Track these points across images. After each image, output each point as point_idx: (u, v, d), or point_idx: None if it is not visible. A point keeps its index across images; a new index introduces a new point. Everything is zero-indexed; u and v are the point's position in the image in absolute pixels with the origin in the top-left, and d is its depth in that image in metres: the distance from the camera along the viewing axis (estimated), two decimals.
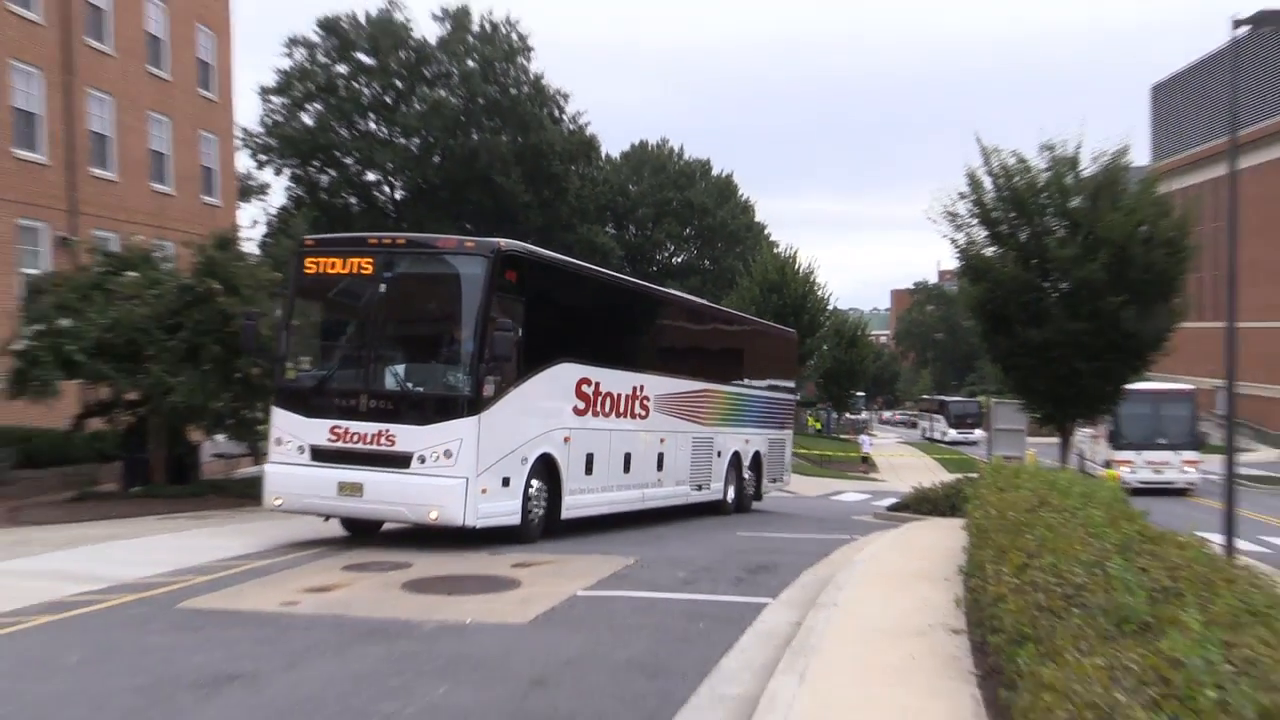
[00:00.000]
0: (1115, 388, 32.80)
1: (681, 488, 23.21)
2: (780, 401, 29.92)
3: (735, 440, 26.08)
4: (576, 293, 19.66)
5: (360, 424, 15.51)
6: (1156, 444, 43.48)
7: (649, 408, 21.36)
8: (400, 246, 16.88)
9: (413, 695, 8.79)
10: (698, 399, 23.77)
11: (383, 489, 15.35)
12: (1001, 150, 31.86)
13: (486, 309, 15.56)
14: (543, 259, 18.64)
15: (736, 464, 26.16)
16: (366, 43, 73.03)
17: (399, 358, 16.39)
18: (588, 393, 18.80)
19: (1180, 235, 31.25)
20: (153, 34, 37.11)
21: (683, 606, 12.94)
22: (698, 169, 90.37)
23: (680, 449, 22.96)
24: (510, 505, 16.32)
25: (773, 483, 29.19)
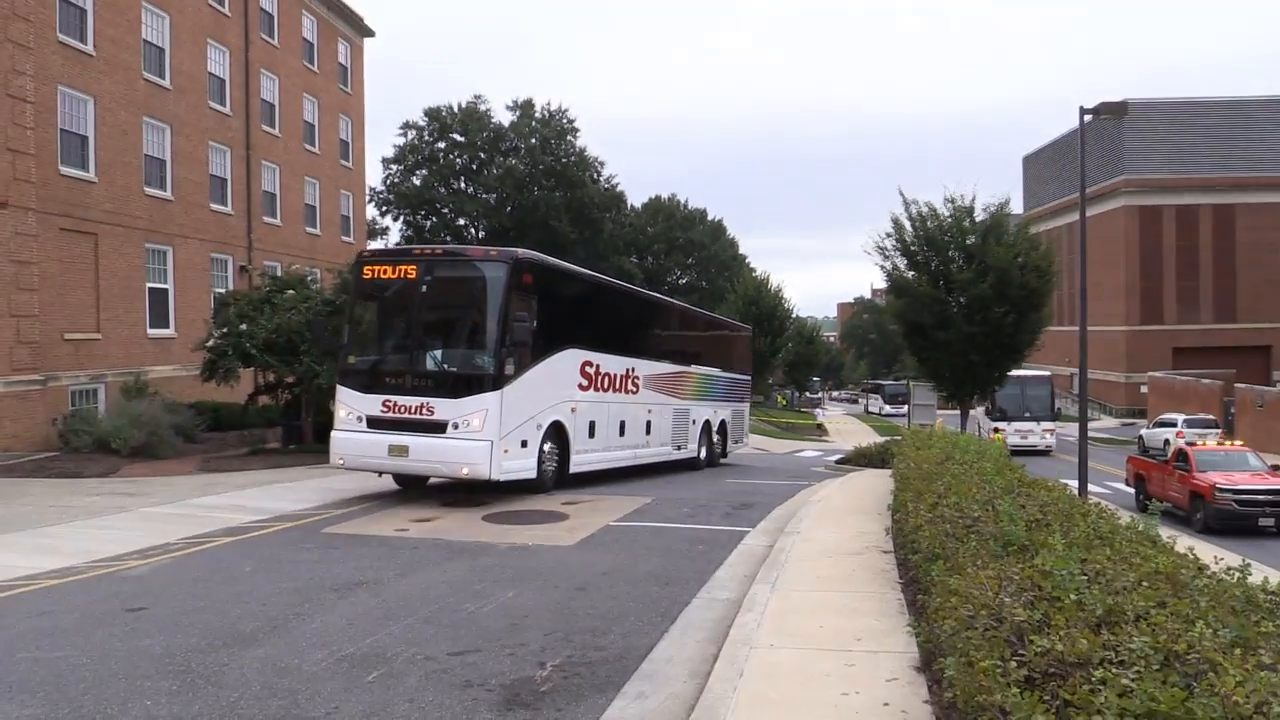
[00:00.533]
0: (999, 374, 32.94)
1: (665, 448, 22.02)
2: (740, 381, 28.37)
3: (706, 411, 24.76)
4: (580, 294, 18.45)
5: (406, 398, 14.52)
6: (1024, 416, 42.27)
7: (639, 385, 20.07)
8: (439, 256, 15.73)
9: (490, 597, 8.80)
10: (677, 379, 22.58)
11: (425, 450, 14.31)
12: (918, 201, 32.12)
13: (507, 305, 14.53)
14: (553, 266, 17.52)
15: (707, 429, 24.77)
16: (459, 125, 73.14)
17: (437, 344, 15.30)
18: (590, 373, 17.63)
19: (1046, 264, 31.61)
20: (308, 121, 37.23)
21: (686, 533, 12.91)
22: (697, 216, 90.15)
23: (664, 418, 21.72)
24: (528, 463, 15.27)
25: (735, 443, 27.73)
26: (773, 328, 58.52)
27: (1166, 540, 6.67)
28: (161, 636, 7.32)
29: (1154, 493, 23.17)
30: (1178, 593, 4.78)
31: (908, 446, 16.31)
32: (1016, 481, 9.74)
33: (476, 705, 5.90)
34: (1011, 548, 6.24)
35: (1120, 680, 3.46)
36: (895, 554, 10.02)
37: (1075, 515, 7.42)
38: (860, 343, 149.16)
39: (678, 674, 6.60)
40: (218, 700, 5.94)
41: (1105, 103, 22.29)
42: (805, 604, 8.00)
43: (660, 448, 21.70)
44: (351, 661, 6.75)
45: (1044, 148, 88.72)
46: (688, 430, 23.27)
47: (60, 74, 23.02)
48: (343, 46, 40.37)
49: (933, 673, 5.65)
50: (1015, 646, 4.19)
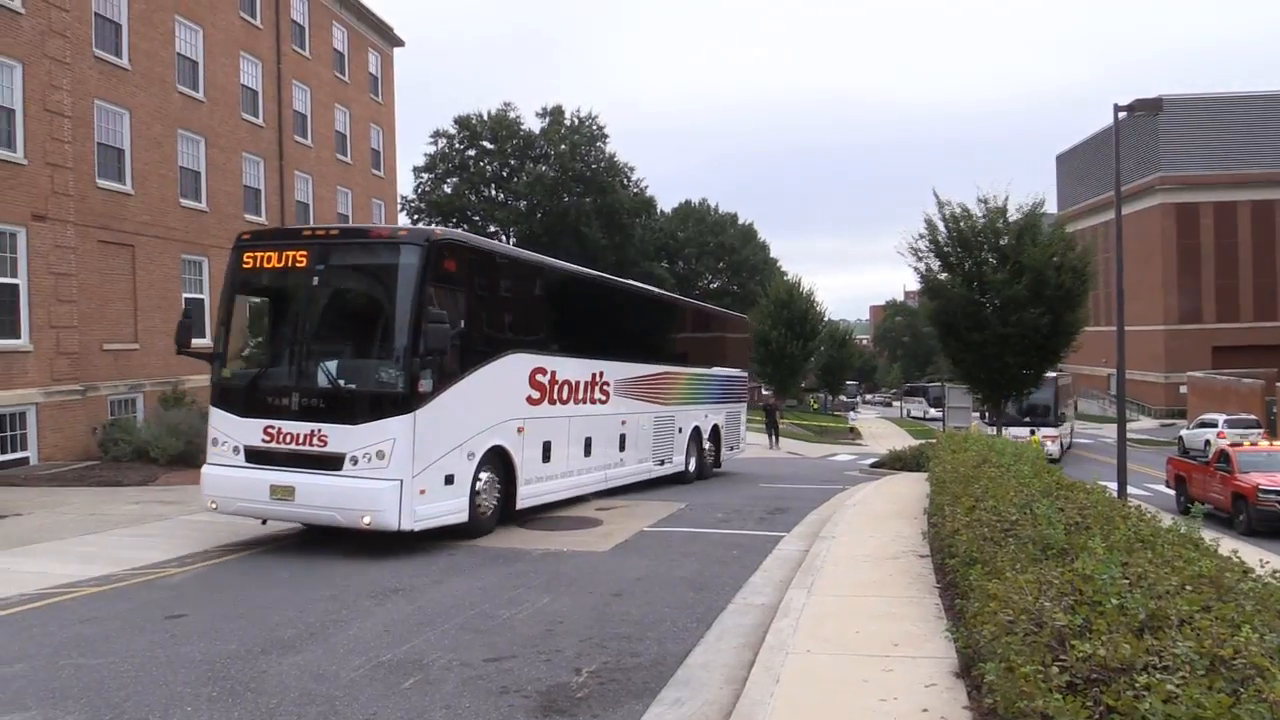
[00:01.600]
0: (1034, 375, 32.61)
1: (644, 464, 18.63)
2: (734, 379, 24.75)
3: (695, 416, 21.44)
4: (525, 283, 14.89)
5: (293, 424, 11.34)
6: (1023, 421, 38.26)
7: (609, 392, 16.77)
8: (334, 237, 12.37)
9: (524, 603, 8.83)
10: (658, 381, 19.21)
11: (315, 492, 11.11)
12: (951, 202, 31.96)
13: (420, 300, 11.28)
14: (483, 248, 14.06)
15: (697, 437, 21.47)
16: (489, 133, 73.53)
17: (332, 354, 11.88)
18: (542, 382, 14.33)
19: (1083, 264, 31.19)
20: (340, 131, 37.56)
21: (721, 539, 12.88)
22: (728, 220, 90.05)
23: (642, 428, 18.41)
24: (454, 503, 11.89)
25: (730, 450, 24.43)
26: (805, 331, 58.23)
27: (1209, 543, 6.58)
28: (201, 643, 7.41)
29: (1195, 495, 22.83)
30: (1222, 596, 4.72)
31: (943, 449, 16.20)
32: (1055, 484, 9.65)
33: (513, 711, 5.92)
34: (1051, 551, 6.18)
35: (1165, 686, 3.43)
36: (932, 558, 9.94)
37: (1115, 518, 7.33)
38: (893, 345, 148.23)
39: (714, 680, 6.58)
40: (257, 706, 5.99)
41: (1140, 99, 22.01)
42: (842, 609, 7.95)
43: (639, 464, 18.45)
44: (388, 668, 6.79)
45: (1078, 146, 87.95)
46: (672, 440, 20.17)
47: (97, 88, 23.39)
48: (373, 56, 40.71)
49: (972, 678, 5.59)
50: (1056, 651, 4.15)
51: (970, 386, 34.38)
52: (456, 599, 9.01)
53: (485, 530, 12.59)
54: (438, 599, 9.02)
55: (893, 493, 18.06)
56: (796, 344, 56.86)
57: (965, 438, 17.89)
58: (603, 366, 16.60)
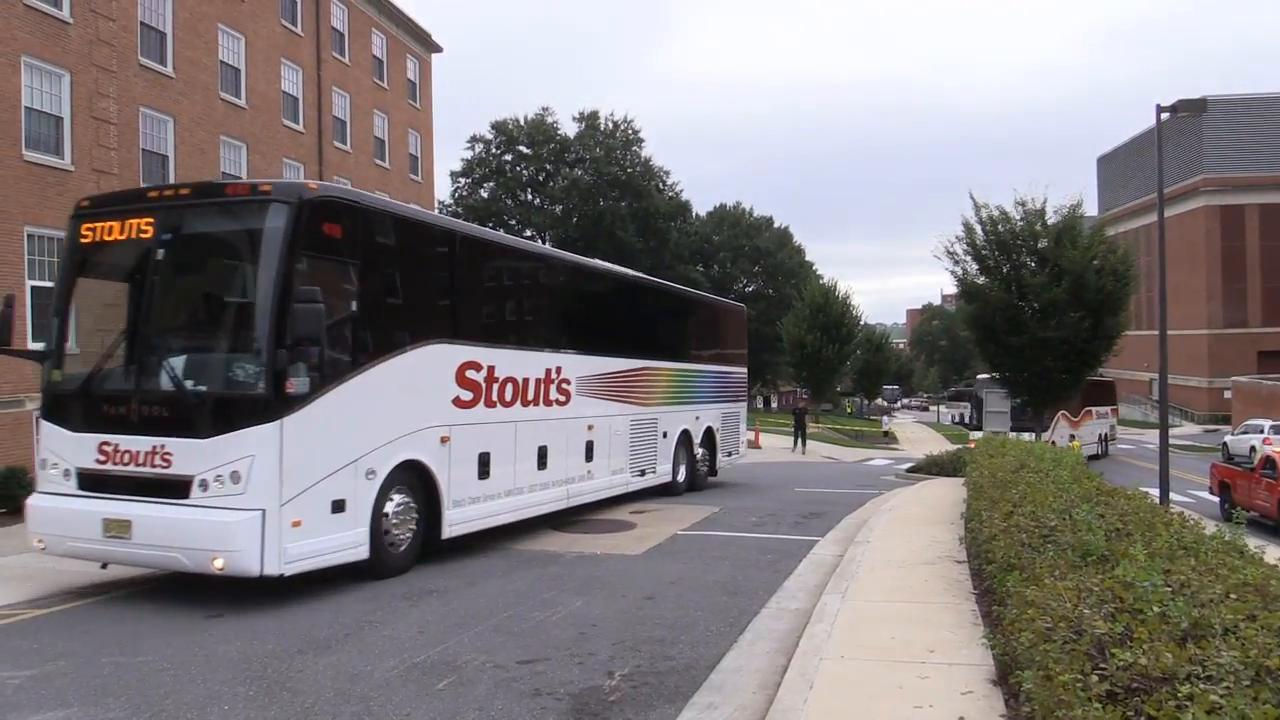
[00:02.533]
0: (1075, 379, 32.15)
1: (620, 476, 15.88)
2: (732, 376, 22.07)
3: (684, 418, 18.72)
4: (450, 257, 11.76)
5: (133, 439, 8.87)
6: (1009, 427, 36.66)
7: (569, 391, 14.11)
8: (184, 198, 9.53)
9: (558, 606, 8.82)
10: (635, 379, 16.52)
11: (155, 528, 8.63)
12: (989, 205, 31.59)
13: (286, 274, 8.73)
14: (383, 209, 10.81)
15: (687, 442, 18.87)
16: (525, 138, 73.89)
17: (179, 348, 9.35)
18: (476, 380, 11.61)
19: (1124, 267, 30.77)
20: (378, 137, 37.90)
21: (755, 543, 12.82)
22: (763, 224, 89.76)
23: (616, 434, 15.70)
24: (346, 536, 9.33)
25: (728, 456, 21.67)
26: (840, 335, 57.86)
27: (1254, 550, 6.43)
28: (239, 642, 7.47)
29: (1240, 501, 22.39)
30: (1268, 605, 4.60)
31: (980, 454, 16.01)
32: (1095, 490, 9.49)
33: (545, 714, 5.91)
34: (1090, 558, 6.07)
35: (1208, 697, 3.34)
36: (969, 564, 9.82)
37: (1157, 524, 7.19)
38: (930, 349, 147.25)
39: (747, 685, 6.53)
40: (292, 705, 6.03)
41: (1183, 100, 21.68)
42: (877, 614, 7.87)
43: (613, 476, 15.66)
44: (422, 669, 6.81)
45: (1119, 147, 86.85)
46: (655, 447, 17.42)
47: (142, 96, 23.76)
48: (411, 63, 41.04)
49: (1009, 686, 5.50)
50: (1096, 660, 4.06)
51: (1008, 391, 33.98)
52: (490, 601, 9.02)
53: (397, 568, 10.14)
54: (471, 601, 9.04)
55: (929, 498, 17.88)
56: (832, 348, 56.49)
57: (1003, 443, 17.68)
58: (561, 361, 13.93)
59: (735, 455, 22.41)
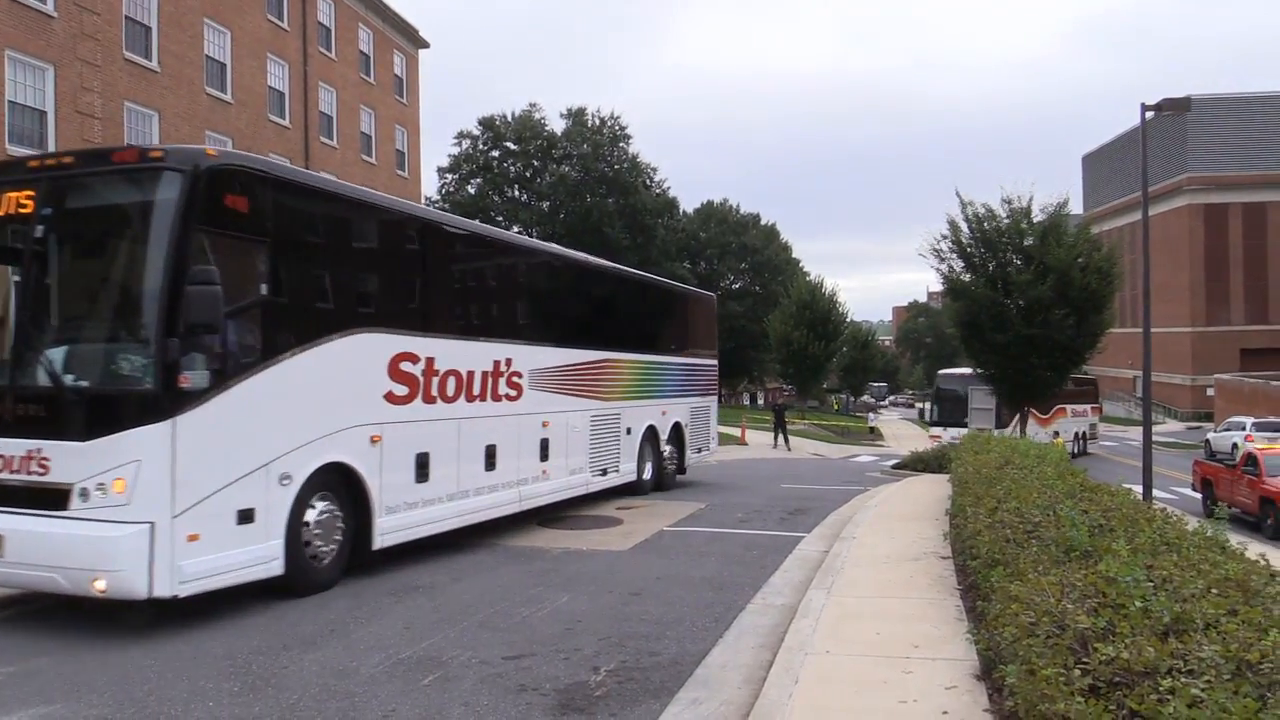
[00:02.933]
0: (1059, 377, 32.30)
1: (579, 476, 14.76)
2: (701, 368, 20.89)
3: (649, 413, 17.54)
4: (384, 236, 10.74)
5: (5, 441, 7.75)
6: (962, 423, 35.81)
7: (521, 386, 12.91)
8: (67, 167, 8.39)
9: (544, 601, 8.82)
10: (596, 371, 15.39)
11: (28, 544, 7.49)
12: (975, 202, 31.66)
13: (179, 252, 7.63)
14: (299, 180, 9.62)
15: (653, 439, 17.77)
16: (513, 134, 73.73)
17: (60, 338, 8.19)
18: (412, 373, 10.43)
19: (1108, 265, 30.91)
20: (365, 132, 37.80)
21: (741, 539, 12.83)
22: (750, 220, 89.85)
23: (574, 431, 14.55)
24: (256, 551, 8.23)
25: (698, 453, 20.54)
26: (827, 332, 58.06)
27: (1236, 546, 6.48)
28: (223, 638, 7.44)
29: (1222, 498, 22.54)
30: (1249, 600, 4.63)
31: (965, 451, 16.08)
32: (1078, 486, 9.55)
33: (531, 710, 5.90)
34: (1074, 553, 6.11)
35: (1190, 690, 3.36)
36: (954, 560, 9.86)
37: (1140, 520, 7.24)
38: (916, 347, 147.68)
39: (732, 680, 6.54)
40: (277, 702, 6.01)
41: (1168, 98, 21.79)
42: (862, 610, 7.90)
43: (571, 476, 14.51)
44: (408, 665, 6.79)
45: (1104, 146, 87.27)
46: (618, 444, 16.26)
47: (126, 90, 23.62)
48: (398, 58, 40.92)
49: (993, 681, 5.53)
50: (1079, 654, 4.09)
51: (993, 388, 34.14)
52: (476, 597, 9.01)
53: (320, 584, 9.02)
54: (457, 596, 9.03)
55: (914, 494, 17.95)
56: (818, 345, 56.65)
57: (987, 439, 17.76)
58: (511, 352, 12.72)
59: (705, 452, 21.44)
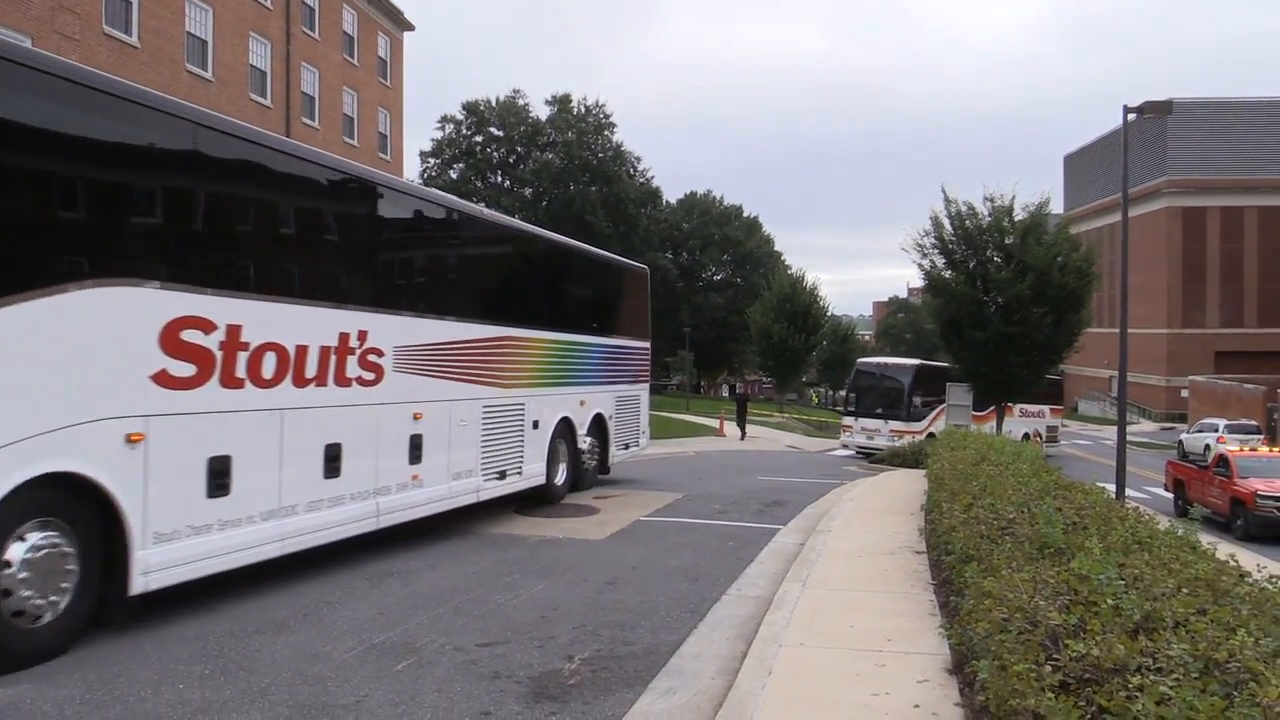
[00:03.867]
0: (1037, 375, 32.59)
1: (466, 481, 11.83)
2: (630, 353, 18.23)
3: (564, 403, 14.97)
4: (166, 157, 7.72)
5: None
6: (874, 413, 35.00)
7: (381, 367, 10.03)
8: None
9: (519, 589, 8.82)
10: (493, 352, 12.53)
11: None
12: (957, 200, 31.86)
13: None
14: (19, 60, 6.44)
15: (568, 434, 15.18)
16: (496, 120, 73.47)
17: None
18: (203, 345, 7.70)
19: (1087, 265, 31.22)
20: (347, 114, 37.53)
21: (717, 530, 12.87)
22: (733, 212, 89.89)
23: (460, 425, 11.69)
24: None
25: (624, 450, 17.95)
26: (807, 326, 58.21)
27: (1206, 547, 6.55)
28: (194, 620, 7.40)
29: (1194, 498, 22.80)
30: (1218, 600, 4.69)
31: (942, 447, 16.17)
32: (1053, 484, 9.62)
33: (504, 697, 5.91)
34: (1047, 551, 6.16)
35: (1158, 688, 3.40)
36: (928, 555, 9.93)
37: (1113, 519, 7.31)
38: (895, 342, 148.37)
39: (706, 670, 6.57)
40: (249, 685, 5.99)
41: (1149, 101, 21.95)
42: (836, 603, 7.94)
43: (454, 482, 11.54)
44: (381, 650, 6.78)
45: (1086, 147, 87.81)
46: (522, 441, 13.46)
47: (105, 66, 23.31)
48: (382, 40, 40.63)
49: (965, 675, 5.57)
50: (1050, 651, 4.13)
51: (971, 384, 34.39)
52: (451, 583, 9.00)
53: (36, 652, 6.32)
54: (432, 583, 9.01)
55: (890, 488, 18.04)
56: (799, 338, 56.79)
57: (964, 435, 17.86)
58: (366, 322, 9.73)
59: (635, 447, 18.75)
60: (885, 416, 34.82)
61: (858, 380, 36.97)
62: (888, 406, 35.05)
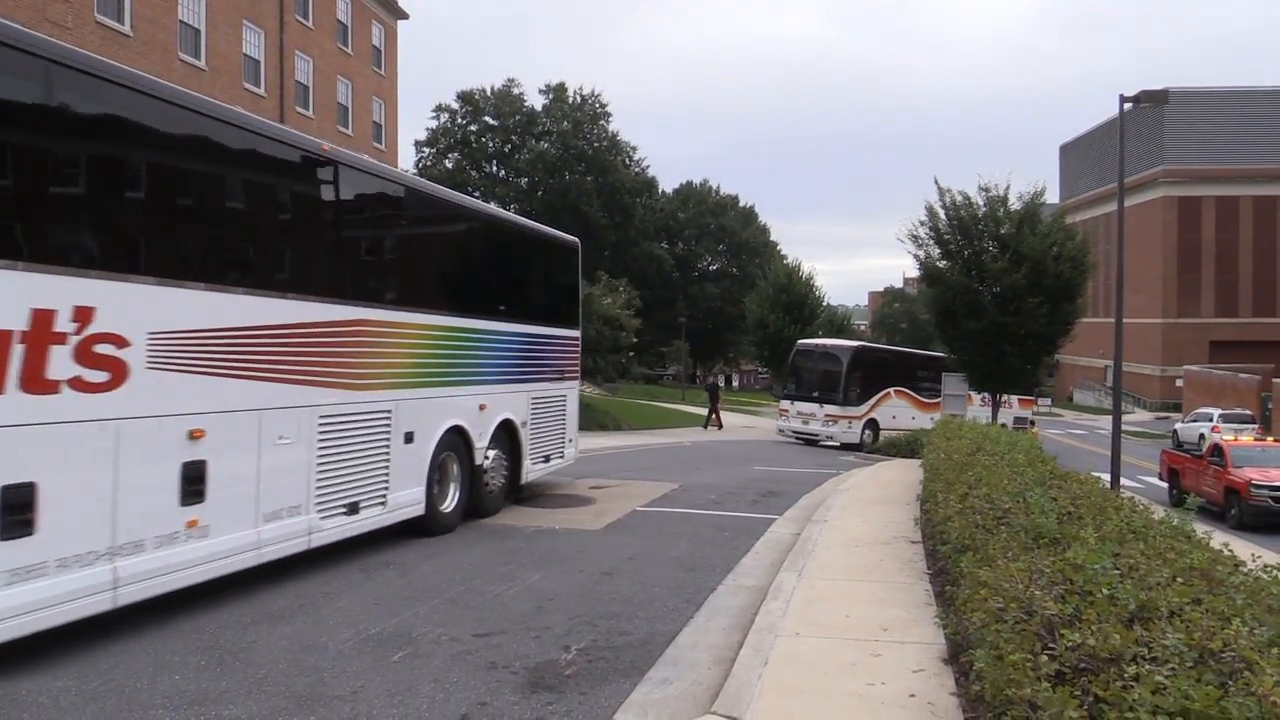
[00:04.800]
0: (1032, 366, 32.69)
1: (288, 523, 8.45)
2: (554, 343, 14.65)
3: (454, 408, 11.51)
4: None
5: None
6: (810, 396, 32.33)
7: (124, 363, 6.71)
8: None
9: (515, 579, 8.83)
10: (339, 341, 9.28)
11: None
12: (952, 190, 31.95)
13: None
14: None
15: (460, 447, 11.70)
16: (492, 109, 73.32)
17: None
18: None
19: (1081, 254, 31.30)
20: (341, 103, 37.40)
21: (713, 520, 12.89)
22: (729, 202, 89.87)
23: (281, 444, 8.39)
24: None
25: (545, 462, 14.26)
26: (803, 315, 58.16)
27: (1201, 536, 6.57)
28: (191, 612, 7.39)
29: (1188, 488, 22.85)
30: (1213, 589, 4.70)
31: (938, 437, 16.20)
32: (1048, 474, 9.64)
33: (500, 687, 5.91)
34: (1043, 540, 6.17)
35: (1154, 677, 3.41)
36: (924, 544, 9.96)
37: (1108, 509, 7.32)
38: (891, 332, 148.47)
39: (702, 660, 6.58)
40: (245, 676, 5.99)
41: (1146, 91, 21.89)
42: (832, 593, 7.96)
43: (270, 524, 8.24)
44: (377, 641, 6.78)
45: (1082, 136, 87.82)
46: (386, 460, 10.09)
47: (98, 54, 23.24)
48: (376, 28, 40.46)
49: (960, 665, 5.60)
50: (1045, 640, 4.14)
51: (966, 374, 34.47)
52: (447, 574, 9.01)
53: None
54: (428, 573, 9.02)
55: (886, 479, 18.08)
56: (794, 328, 56.71)
57: (960, 426, 17.90)
58: (94, 294, 6.59)
59: (560, 460, 15.00)
60: (821, 400, 32.18)
61: (796, 360, 34.41)
62: (825, 389, 32.29)
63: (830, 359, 33.15)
